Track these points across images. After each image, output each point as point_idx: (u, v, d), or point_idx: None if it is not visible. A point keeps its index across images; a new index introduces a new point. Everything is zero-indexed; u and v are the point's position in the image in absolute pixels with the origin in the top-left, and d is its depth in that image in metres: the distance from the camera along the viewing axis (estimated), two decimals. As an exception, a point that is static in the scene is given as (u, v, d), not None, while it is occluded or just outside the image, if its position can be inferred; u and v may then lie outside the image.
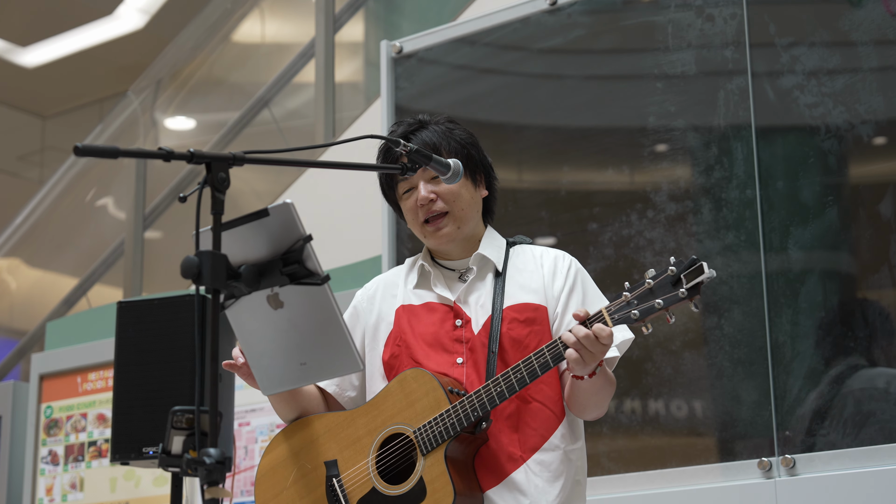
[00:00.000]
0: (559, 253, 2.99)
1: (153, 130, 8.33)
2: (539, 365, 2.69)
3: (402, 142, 2.76)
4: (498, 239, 3.01)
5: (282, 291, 2.45)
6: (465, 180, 2.93)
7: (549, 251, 2.99)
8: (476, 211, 2.97)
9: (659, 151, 4.09)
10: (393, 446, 2.78)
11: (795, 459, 3.64)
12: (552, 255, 2.97)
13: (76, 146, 2.16)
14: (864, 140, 3.75)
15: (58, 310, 8.10)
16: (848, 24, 3.81)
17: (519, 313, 2.87)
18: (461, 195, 2.92)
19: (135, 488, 5.43)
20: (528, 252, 2.99)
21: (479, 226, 3.01)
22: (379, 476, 2.77)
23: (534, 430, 2.80)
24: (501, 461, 2.77)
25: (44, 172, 11.82)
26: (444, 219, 2.92)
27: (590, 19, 4.31)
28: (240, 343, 2.57)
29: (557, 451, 2.80)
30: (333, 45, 6.80)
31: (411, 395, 2.78)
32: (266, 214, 2.35)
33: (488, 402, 2.71)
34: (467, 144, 2.96)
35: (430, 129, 2.94)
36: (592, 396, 2.79)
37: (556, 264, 2.94)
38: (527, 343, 2.84)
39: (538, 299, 2.89)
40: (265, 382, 2.59)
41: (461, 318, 2.88)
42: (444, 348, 2.86)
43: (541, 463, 2.79)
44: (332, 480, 2.82)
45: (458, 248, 2.98)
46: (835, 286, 3.75)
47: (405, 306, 2.95)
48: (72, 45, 11.40)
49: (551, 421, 2.82)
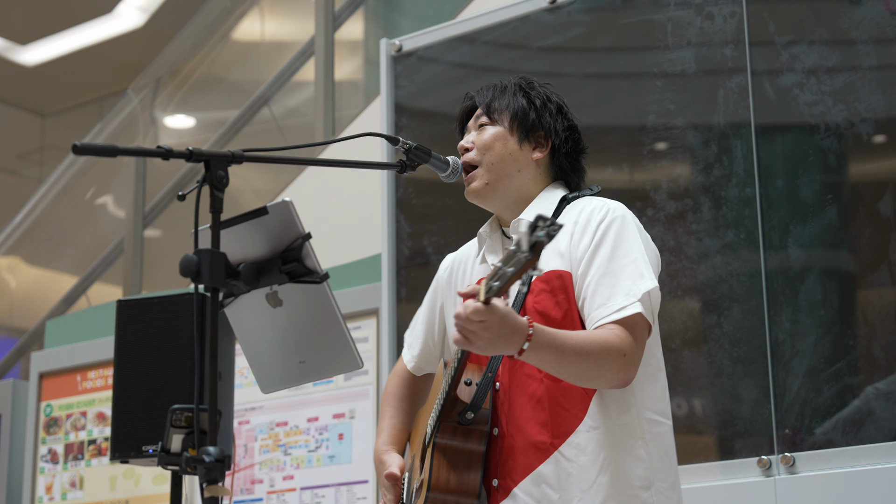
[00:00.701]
0: (599, 204, 2.74)
1: (153, 129, 8.33)
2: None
3: (400, 139, 2.75)
4: (554, 196, 2.82)
5: (281, 290, 2.45)
6: (509, 136, 2.82)
7: (594, 203, 2.76)
8: (517, 169, 2.80)
9: (658, 150, 4.09)
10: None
11: (795, 457, 3.63)
12: (590, 209, 2.73)
13: (75, 145, 2.16)
14: (864, 138, 3.75)
15: (57, 308, 8.10)
16: (847, 23, 3.81)
17: (546, 283, 2.67)
18: (493, 148, 2.81)
19: (134, 487, 5.43)
20: (579, 207, 2.76)
21: (533, 185, 2.83)
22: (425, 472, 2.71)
23: (567, 410, 2.59)
24: (528, 453, 2.59)
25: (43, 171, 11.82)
26: (475, 172, 2.82)
27: (589, 17, 4.31)
28: (239, 341, 2.57)
29: (596, 430, 2.58)
30: (333, 44, 6.80)
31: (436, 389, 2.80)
32: (265, 212, 2.36)
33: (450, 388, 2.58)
34: (529, 104, 2.85)
35: (496, 87, 2.89)
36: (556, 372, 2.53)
37: (590, 218, 2.70)
38: (553, 316, 2.63)
39: (563, 264, 2.68)
40: (264, 381, 2.59)
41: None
42: None
43: (577, 447, 2.58)
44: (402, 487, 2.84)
45: (508, 210, 2.83)
46: (834, 284, 3.75)
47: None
48: (71, 44, 11.40)
49: (582, 398, 2.60)
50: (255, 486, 5.08)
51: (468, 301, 2.33)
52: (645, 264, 2.64)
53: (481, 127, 2.86)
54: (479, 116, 2.88)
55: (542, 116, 2.86)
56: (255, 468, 5.10)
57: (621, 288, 2.59)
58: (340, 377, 4.87)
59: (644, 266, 2.64)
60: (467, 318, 2.32)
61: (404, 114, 4.63)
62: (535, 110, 2.86)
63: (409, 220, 4.52)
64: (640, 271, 2.62)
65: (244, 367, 4.97)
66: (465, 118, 2.95)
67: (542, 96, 2.90)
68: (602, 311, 2.58)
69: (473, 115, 2.91)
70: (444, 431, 2.61)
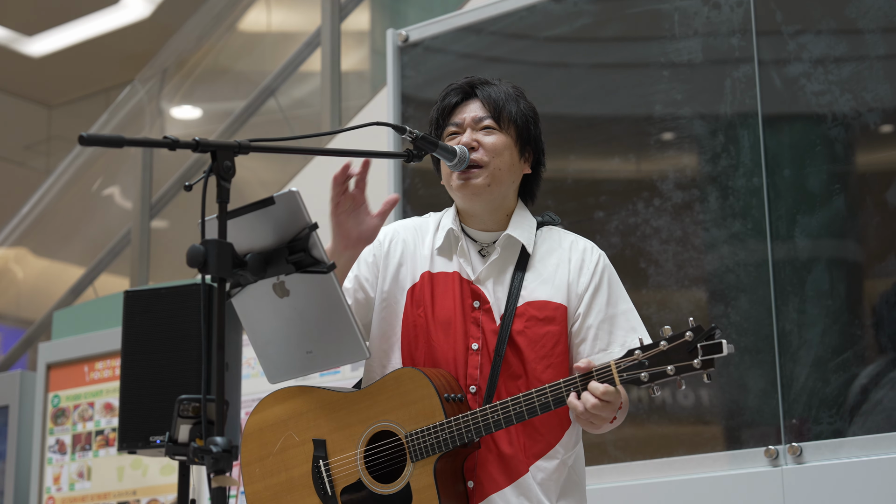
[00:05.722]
0: (588, 246, 2.90)
1: (159, 119, 8.33)
2: (540, 404, 2.63)
3: (407, 128, 2.74)
4: (529, 218, 2.91)
5: (288, 280, 2.45)
6: (513, 148, 2.85)
7: (578, 242, 2.90)
8: (512, 180, 2.87)
9: (665, 140, 4.09)
10: (383, 444, 2.74)
11: (802, 447, 3.63)
12: (581, 248, 2.88)
13: (81, 135, 2.16)
14: (871, 128, 3.74)
15: (65, 299, 8.11)
16: (854, 12, 3.80)
17: (539, 311, 2.79)
18: (503, 154, 2.83)
19: (142, 477, 5.44)
20: (557, 239, 2.91)
21: (512, 198, 2.90)
22: (367, 470, 2.74)
23: (542, 435, 2.76)
24: (506, 465, 2.73)
25: (50, 162, 11.83)
26: (479, 170, 2.83)
27: (596, 7, 4.30)
28: (246, 331, 2.57)
29: (557, 458, 2.76)
30: (339, 34, 6.80)
31: (406, 396, 2.73)
32: (272, 202, 2.35)
33: (483, 429, 2.66)
34: (528, 116, 2.89)
35: (498, 87, 2.90)
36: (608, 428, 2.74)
37: (584, 259, 2.86)
38: (543, 343, 2.77)
39: (560, 298, 2.81)
40: (271, 371, 2.59)
41: (479, 300, 2.81)
42: (460, 329, 2.79)
43: (543, 470, 2.75)
44: (318, 462, 2.78)
45: (487, 216, 2.89)
46: (841, 274, 3.75)
47: (429, 272, 2.87)
48: (78, 35, 11.40)
49: (558, 429, 2.78)
50: (263, 476, 5.08)
51: (599, 386, 2.56)
52: (635, 316, 2.86)
53: (486, 129, 2.86)
54: (484, 119, 2.86)
55: (536, 132, 2.92)
56: (263, 458, 5.10)
57: (617, 337, 2.80)
58: (347, 367, 4.87)
59: (634, 318, 2.85)
60: (606, 405, 2.57)
61: (411, 104, 4.63)
62: (533, 125, 2.91)
63: (416, 211, 4.51)
64: (633, 325, 2.83)
65: (251, 358, 4.98)
66: (452, 109, 2.92)
67: (533, 109, 2.93)
68: (603, 357, 2.76)
69: (469, 111, 2.88)
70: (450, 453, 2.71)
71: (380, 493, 2.71)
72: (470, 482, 2.74)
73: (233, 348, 3.71)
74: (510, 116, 2.86)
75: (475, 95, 2.89)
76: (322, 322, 2.48)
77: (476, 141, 2.84)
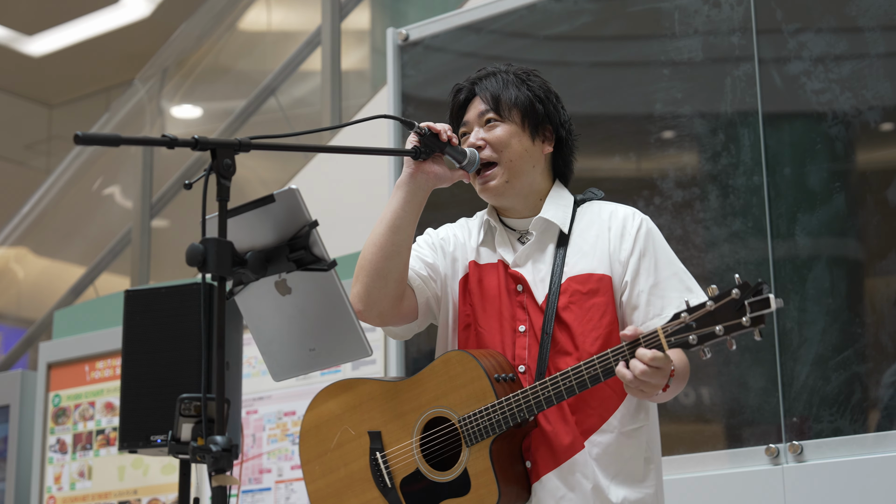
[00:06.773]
0: (629, 212, 2.85)
1: (160, 119, 8.33)
2: (589, 377, 2.59)
3: (415, 124, 2.74)
4: (565, 197, 2.89)
5: (289, 278, 2.45)
6: (522, 132, 2.84)
7: (619, 209, 2.85)
8: (532, 164, 2.85)
9: (666, 138, 4.09)
10: (438, 431, 2.73)
11: (803, 446, 3.63)
12: (621, 215, 2.83)
13: (77, 135, 2.15)
14: (872, 126, 3.74)
15: (65, 298, 8.12)
16: (855, 10, 3.80)
17: (582, 284, 2.75)
18: (510, 145, 2.82)
19: (143, 476, 5.44)
20: (596, 211, 2.87)
21: (543, 181, 2.89)
22: (424, 458, 2.72)
23: (593, 409, 2.70)
24: (559, 444, 2.68)
25: (50, 161, 11.83)
26: (493, 170, 2.83)
27: (596, 6, 4.30)
28: (250, 329, 2.57)
29: (614, 432, 2.70)
30: (340, 33, 6.80)
31: (456, 380, 2.71)
32: (272, 200, 2.35)
33: (535, 407, 2.63)
34: (534, 96, 2.87)
35: (498, 76, 2.89)
36: (666, 397, 2.70)
37: (625, 225, 2.81)
38: (590, 317, 2.73)
39: (602, 268, 2.76)
40: (275, 368, 2.59)
41: (521, 284, 2.78)
42: (506, 315, 2.78)
43: (598, 445, 2.69)
44: (375, 454, 2.78)
45: (520, 204, 2.88)
46: (842, 272, 3.75)
47: (475, 262, 2.87)
48: (78, 34, 11.41)
49: (612, 401, 2.72)
50: (264, 475, 5.09)
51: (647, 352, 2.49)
52: (688, 276, 2.80)
53: (489, 123, 2.85)
54: (486, 113, 2.86)
55: (548, 109, 2.89)
56: (264, 458, 5.11)
57: (672, 300, 2.73)
58: (348, 366, 4.87)
59: (688, 279, 2.79)
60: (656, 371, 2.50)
61: (411, 103, 4.63)
62: (542, 103, 2.88)
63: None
64: (687, 285, 2.78)
65: (252, 357, 4.98)
66: (459, 109, 2.93)
67: (544, 87, 2.91)
68: (658, 322, 2.66)
69: (473, 109, 2.88)
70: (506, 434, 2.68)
71: (439, 481, 2.70)
72: (528, 462, 2.71)
73: (233, 347, 3.71)
74: (510, 102, 2.85)
75: (476, 91, 2.90)
76: (324, 320, 2.48)
77: (482, 139, 2.84)
